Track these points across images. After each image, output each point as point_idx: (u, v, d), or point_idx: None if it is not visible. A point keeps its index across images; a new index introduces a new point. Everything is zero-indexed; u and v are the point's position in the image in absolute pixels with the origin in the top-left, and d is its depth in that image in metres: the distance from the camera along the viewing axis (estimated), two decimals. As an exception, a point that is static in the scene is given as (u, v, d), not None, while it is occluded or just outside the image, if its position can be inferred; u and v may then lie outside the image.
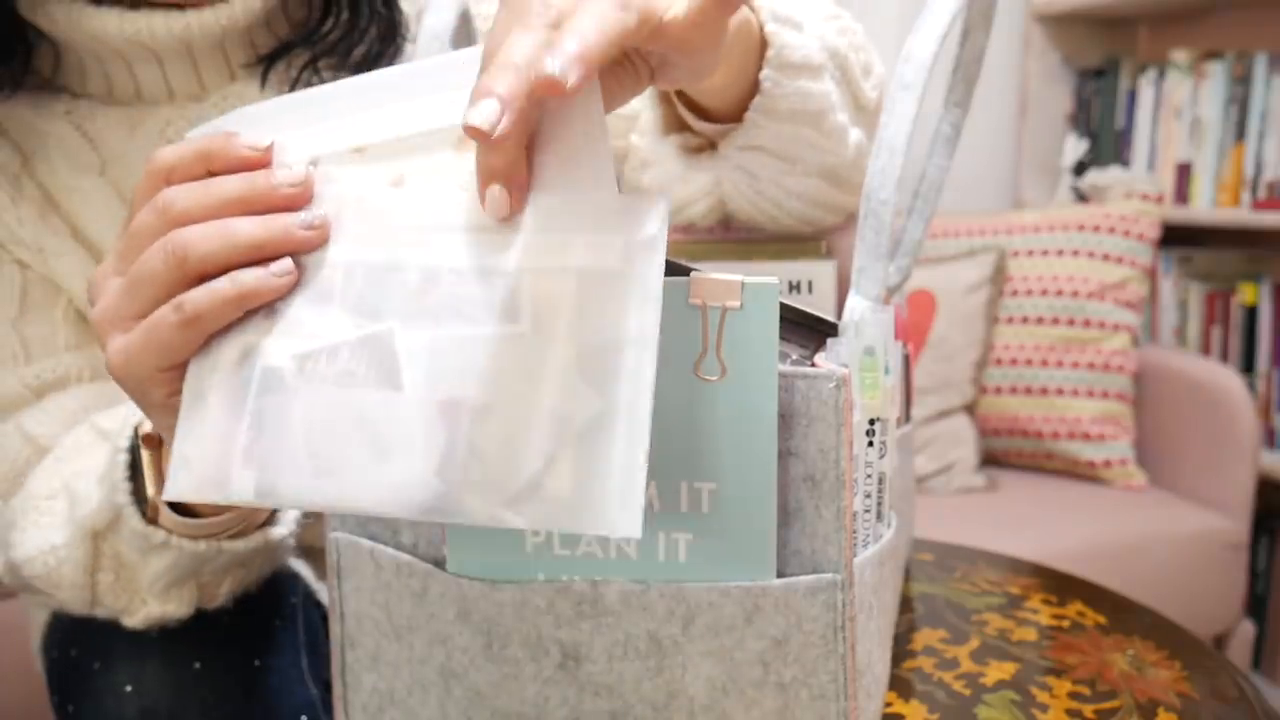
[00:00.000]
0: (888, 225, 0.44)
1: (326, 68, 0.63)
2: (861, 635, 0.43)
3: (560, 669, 0.43)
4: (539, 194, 0.36)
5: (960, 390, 1.69)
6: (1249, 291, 1.86)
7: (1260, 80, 1.81)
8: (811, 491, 0.40)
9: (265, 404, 0.37)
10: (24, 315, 0.62)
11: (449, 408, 0.35)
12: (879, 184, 0.44)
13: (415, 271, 0.37)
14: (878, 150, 0.44)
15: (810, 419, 0.39)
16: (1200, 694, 0.54)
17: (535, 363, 0.35)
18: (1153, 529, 1.54)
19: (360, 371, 0.37)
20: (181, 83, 0.62)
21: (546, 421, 0.34)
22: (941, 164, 0.51)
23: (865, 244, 0.44)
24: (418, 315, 0.36)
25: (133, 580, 0.55)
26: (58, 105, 0.61)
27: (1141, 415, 1.72)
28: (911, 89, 0.44)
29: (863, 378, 0.43)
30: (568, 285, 0.35)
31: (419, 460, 0.35)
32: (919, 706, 0.51)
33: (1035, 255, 1.75)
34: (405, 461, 0.36)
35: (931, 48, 0.44)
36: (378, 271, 0.37)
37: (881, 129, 0.44)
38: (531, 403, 0.35)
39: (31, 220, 0.61)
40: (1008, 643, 0.59)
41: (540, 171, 0.36)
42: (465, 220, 0.37)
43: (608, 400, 0.34)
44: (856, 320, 0.43)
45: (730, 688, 0.41)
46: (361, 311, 0.37)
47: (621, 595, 0.42)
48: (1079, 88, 2.13)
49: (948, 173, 0.53)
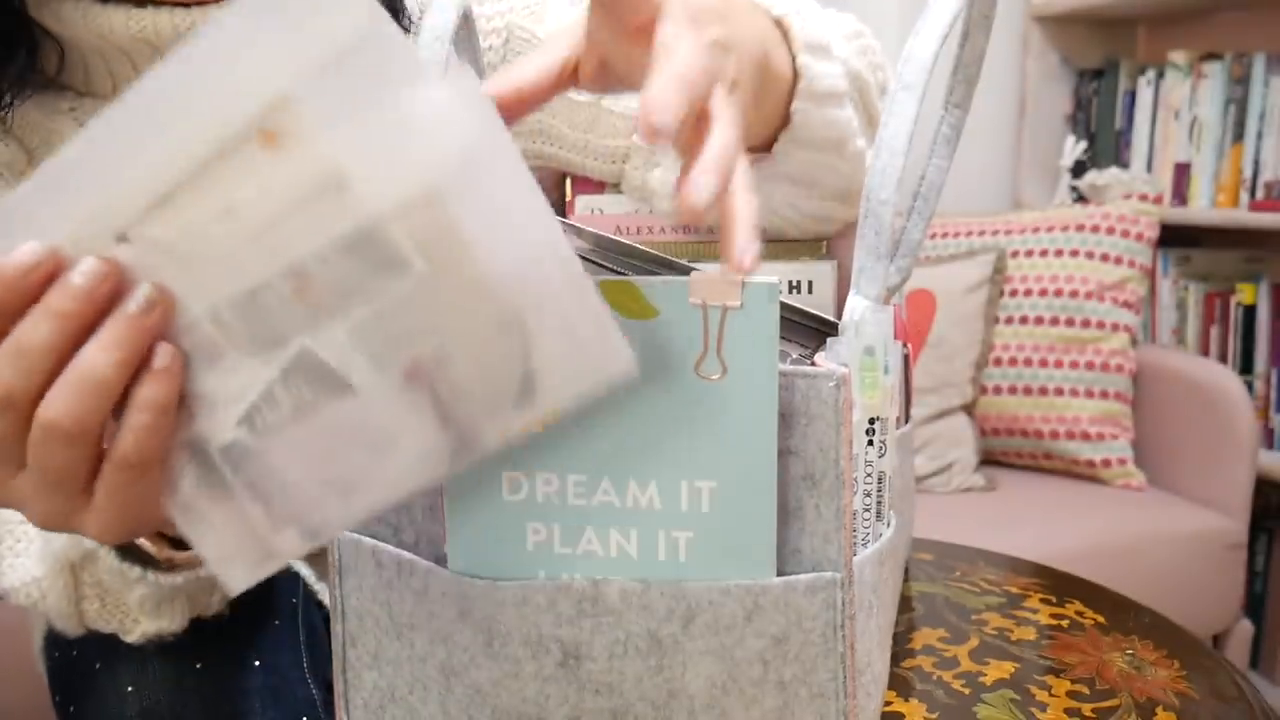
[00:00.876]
0: (888, 226, 0.44)
1: None
2: (861, 634, 0.43)
3: (561, 667, 0.43)
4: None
5: (960, 390, 1.69)
6: (1248, 292, 1.86)
7: (1259, 81, 1.81)
8: (811, 490, 0.40)
9: (247, 475, 0.36)
10: None
11: (410, 373, 0.35)
12: (879, 184, 0.44)
13: (279, 278, 0.34)
14: (878, 150, 0.44)
15: (810, 418, 0.39)
16: (1199, 693, 0.54)
17: (453, 291, 0.34)
18: (1151, 529, 1.54)
19: (307, 398, 0.35)
20: None
21: (497, 328, 0.34)
22: (941, 165, 0.51)
23: (865, 244, 0.44)
24: (315, 316, 0.34)
25: (119, 605, 0.55)
26: (62, 103, 0.62)
27: (1140, 415, 1.73)
28: (912, 89, 0.44)
29: (862, 377, 0.43)
30: (432, 212, 0.33)
31: (418, 429, 0.35)
32: (918, 705, 0.51)
33: (1034, 255, 1.75)
34: (408, 438, 0.36)
35: (932, 48, 0.45)
36: (243, 302, 0.34)
37: (882, 129, 0.44)
38: (475, 322, 0.34)
39: None
40: (1007, 642, 0.59)
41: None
42: (299, 204, 0.33)
43: (537, 279, 0.33)
44: (856, 320, 0.43)
45: (730, 686, 0.41)
46: (262, 346, 0.35)
47: (622, 594, 0.42)
48: (1078, 88, 2.13)
49: (948, 173, 0.53)
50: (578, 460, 0.41)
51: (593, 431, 0.40)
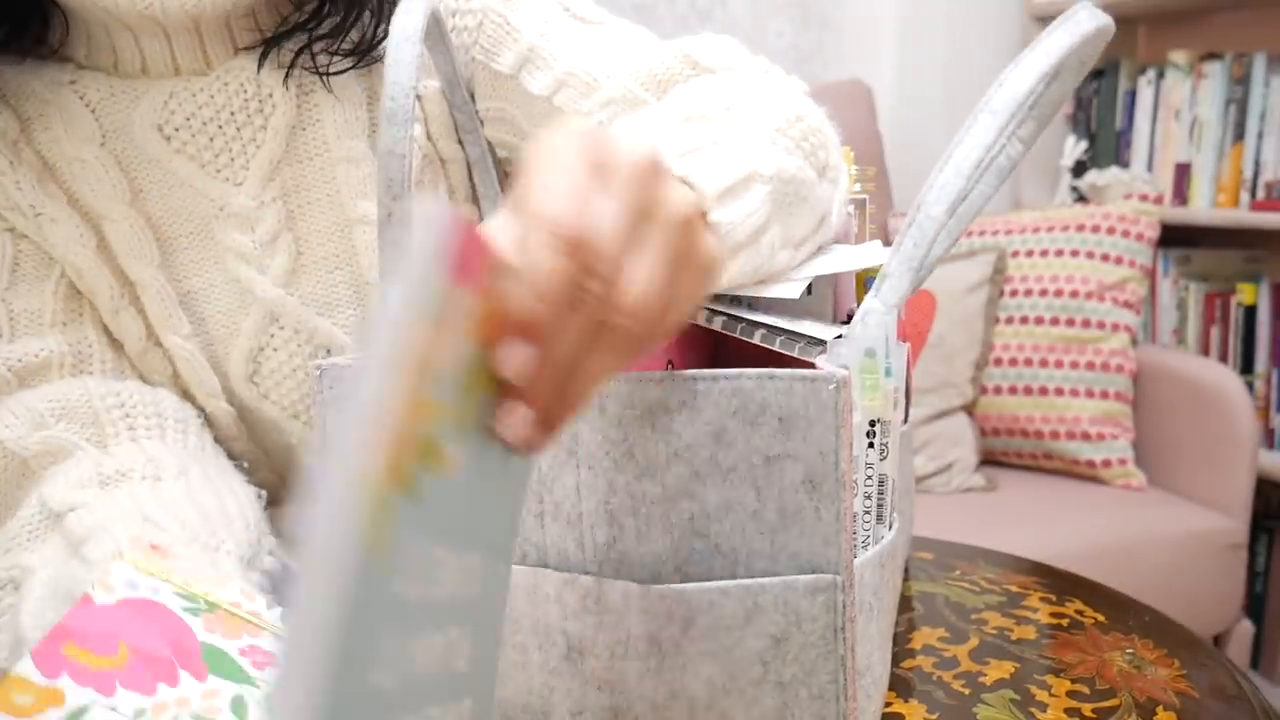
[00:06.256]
0: (929, 239, 0.44)
1: (321, 52, 0.64)
2: (862, 637, 0.43)
3: (565, 660, 0.43)
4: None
5: (960, 390, 1.69)
6: (1248, 292, 1.87)
7: (1259, 81, 1.81)
8: (811, 494, 0.40)
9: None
10: (13, 287, 0.62)
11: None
12: (935, 199, 0.43)
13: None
14: (943, 165, 0.44)
15: (809, 421, 0.39)
16: (1199, 692, 0.54)
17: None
18: (1152, 529, 1.55)
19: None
20: (187, 58, 0.62)
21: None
22: (985, 191, 0.51)
23: (902, 252, 0.44)
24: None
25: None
26: (63, 75, 0.62)
27: (1141, 415, 1.73)
28: (997, 116, 0.44)
29: (863, 379, 0.43)
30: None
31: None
32: (918, 706, 0.52)
33: (1035, 255, 1.75)
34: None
35: (1029, 84, 0.44)
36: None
37: (953, 145, 0.44)
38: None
39: (29, 185, 0.62)
40: (1007, 641, 0.59)
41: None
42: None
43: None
44: (860, 321, 0.43)
45: (730, 687, 0.42)
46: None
47: (623, 595, 0.42)
48: (1078, 88, 2.13)
49: (989, 201, 0.52)
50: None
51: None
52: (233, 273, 0.64)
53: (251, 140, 0.64)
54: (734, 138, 0.45)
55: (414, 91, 0.51)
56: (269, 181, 0.64)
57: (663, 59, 0.61)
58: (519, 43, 0.65)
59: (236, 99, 0.63)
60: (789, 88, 0.56)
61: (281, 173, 0.65)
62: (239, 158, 0.64)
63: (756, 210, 0.43)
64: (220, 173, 0.64)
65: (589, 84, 0.62)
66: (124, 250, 0.63)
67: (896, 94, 2.11)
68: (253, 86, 0.63)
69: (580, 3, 0.67)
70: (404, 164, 0.52)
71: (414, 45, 0.51)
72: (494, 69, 0.65)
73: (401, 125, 0.52)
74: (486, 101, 0.67)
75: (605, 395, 0.41)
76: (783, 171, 0.46)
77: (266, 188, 0.64)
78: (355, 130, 0.66)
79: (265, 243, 0.64)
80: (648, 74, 0.61)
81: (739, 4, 2.15)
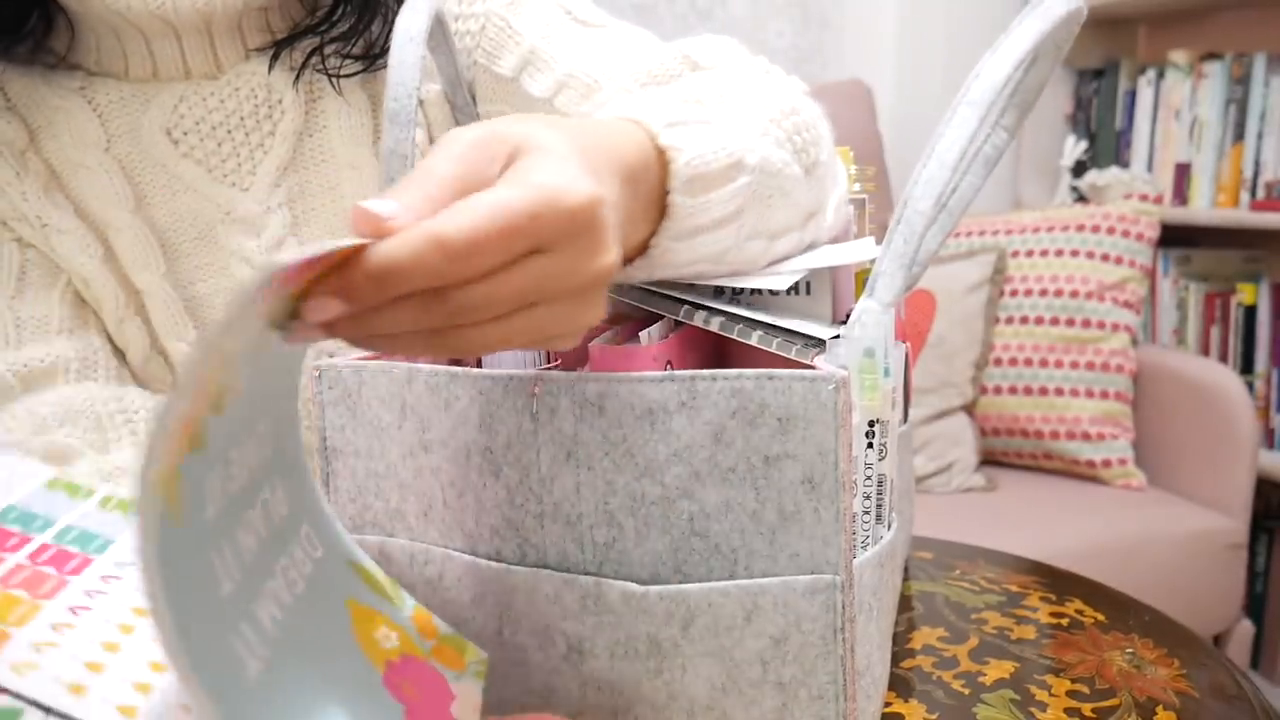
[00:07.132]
0: (918, 235, 0.44)
1: (332, 55, 0.64)
2: (861, 638, 0.43)
3: (565, 660, 0.44)
4: None
5: (960, 390, 1.69)
6: (1248, 292, 1.87)
7: (1259, 81, 1.81)
8: (810, 494, 0.40)
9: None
10: (20, 294, 0.62)
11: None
12: (921, 194, 0.43)
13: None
14: (927, 160, 0.44)
15: (808, 421, 0.39)
16: (1199, 692, 0.54)
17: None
18: (1152, 529, 1.55)
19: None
20: (198, 60, 0.62)
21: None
22: (975, 182, 0.50)
23: (892, 250, 0.44)
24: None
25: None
26: (72, 82, 0.62)
27: (1141, 415, 1.73)
28: (975, 106, 0.43)
29: (862, 379, 0.43)
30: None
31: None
32: (918, 706, 0.52)
33: (1035, 255, 1.75)
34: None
35: (1005, 71, 0.44)
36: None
37: (936, 139, 0.44)
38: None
39: (36, 195, 0.62)
40: (1007, 641, 0.59)
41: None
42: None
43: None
44: (857, 321, 0.43)
45: (730, 687, 0.42)
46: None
47: (622, 596, 0.42)
48: (1078, 88, 2.13)
49: (979, 192, 0.52)
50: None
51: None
52: (238, 277, 0.64)
53: (260, 145, 0.64)
54: (725, 122, 0.45)
55: (417, 93, 0.52)
56: (276, 187, 0.64)
57: (663, 60, 0.61)
58: (520, 45, 0.65)
59: (247, 103, 0.63)
60: (787, 85, 0.56)
61: (288, 178, 0.65)
62: (246, 162, 0.64)
63: (728, 201, 0.43)
64: (227, 177, 0.64)
65: (589, 86, 0.62)
66: (130, 260, 0.63)
67: (896, 94, 2.11)
68: (263, 91, 0.63)
69: (582, 6, 0.67)
70: (406, 165, 0.52)
71: (418, 46, 0.51)
72: (495, 72, 0.66)
73: (404, 125, 0.52)
74: (488, 104, 0.67)
75: (605, 395, 0.41)
76: (767, 163, 0.46)
77: (273, 193, 0.64)
78: (360, 137, 0.66)
79: (271, 247, 0.64)
80: (648, 75, 0.61)
81: (739, 4, 2.15)
